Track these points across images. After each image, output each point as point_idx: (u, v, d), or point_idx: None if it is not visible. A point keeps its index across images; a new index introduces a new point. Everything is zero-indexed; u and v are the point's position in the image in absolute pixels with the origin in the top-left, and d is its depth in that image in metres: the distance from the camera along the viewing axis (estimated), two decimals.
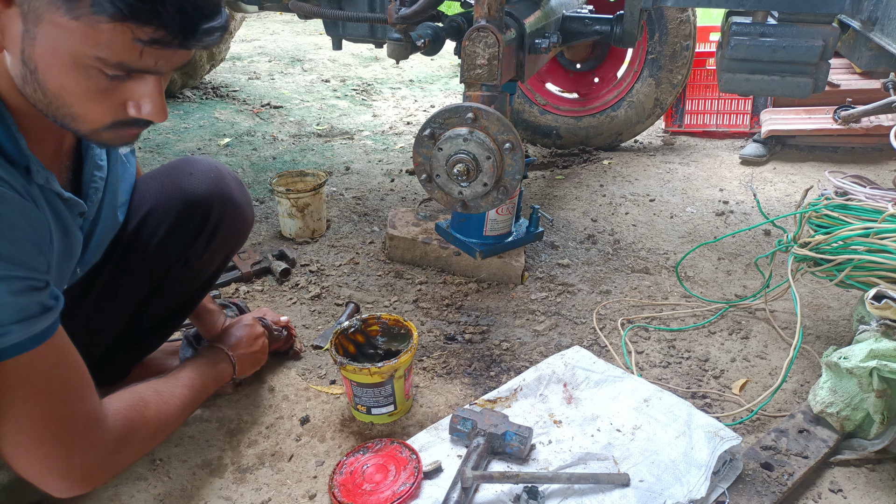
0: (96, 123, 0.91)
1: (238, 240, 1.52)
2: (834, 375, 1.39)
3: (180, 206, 1.35)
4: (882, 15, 1.69)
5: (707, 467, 1.25)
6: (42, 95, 0.87)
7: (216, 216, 1.40)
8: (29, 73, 0.85)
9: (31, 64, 0.84)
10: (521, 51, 1.75)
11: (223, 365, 1.41)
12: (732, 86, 1.87)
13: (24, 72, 0.85)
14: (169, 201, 1.35)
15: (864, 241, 1.46)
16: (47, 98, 0.87)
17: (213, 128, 3.64)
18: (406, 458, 1.32)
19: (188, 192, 1.36)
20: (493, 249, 2.07)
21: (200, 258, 1.42)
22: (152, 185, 1.37)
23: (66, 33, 0.81)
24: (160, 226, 1.34)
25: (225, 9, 0.89)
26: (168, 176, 1.38)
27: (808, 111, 3.17)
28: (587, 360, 1.59)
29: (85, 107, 0.88)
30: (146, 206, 1.35)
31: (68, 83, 0.85)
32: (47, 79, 0.85)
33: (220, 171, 1.41)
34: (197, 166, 1.40)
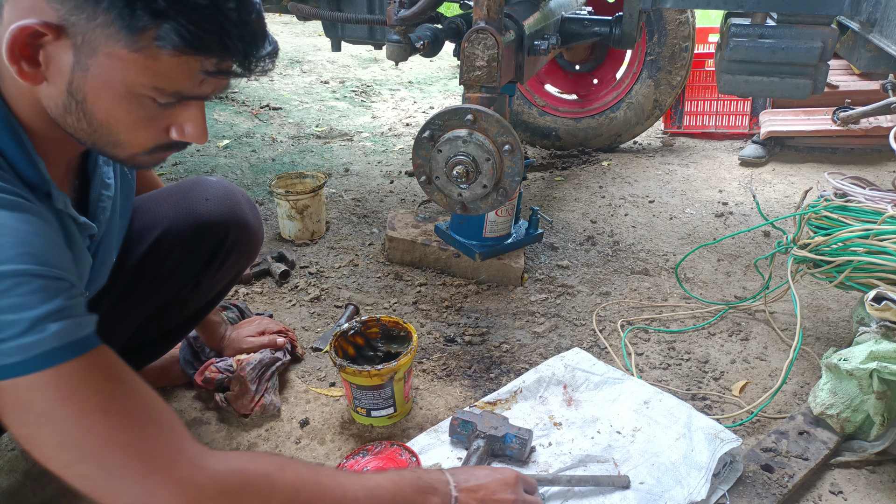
0: (138, 149, 0.91)
1: (249, 260, 1.50)
2: (834, 377, 1.39)
3: (194, 233, 1.33)
4: (881, 16, 1.69)
5: (707, 469, 1.25)
6: (86, 125, 0.86)
7: (231, 242, 1.38)
8: (75, 104, 0.84)
9: (80, 95, 0.83)
10: (520, 52, 1.75)
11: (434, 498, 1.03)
12: (731, 87, 1.87)
13: (68, 102, 0.84)
14: (182, 226, 1.32)
15: (864, 243, 1.46)
16: (92, 127, 0.87)
17: (212, 130, 3.64)
18: (406, 460, 1.32)
19: (203, 218, 1.33)
20: (493, 251, 2.07)
21: (211, 280, 1.41)
22: (166, 207, 1.34)
23: (123, 65, 0.80)
24: (173, 250, 1.32)
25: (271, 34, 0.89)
26: (182, 199, 1.35)
27: (808, 112, 3.17)
28: (587, 362, 1.58)
29: (131, 134, 0.88)
30: (159, 230, 1.32)
31: (119, 112, 0.85)
32: (96, 109, 0.84)
33: (234, 196, 1.39)
34: (211, 190, 1.36)
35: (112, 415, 0.79)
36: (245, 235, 1.41)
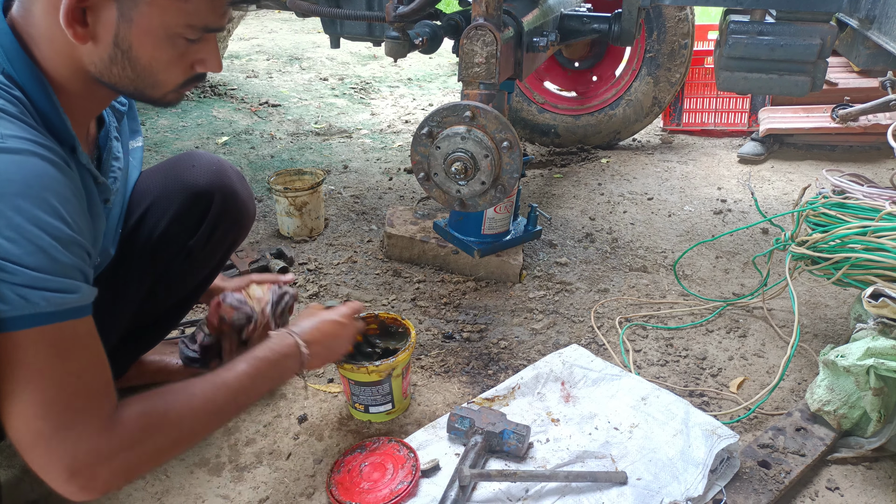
0: (170, 86, 1.04)
1: (239, 233, 1.51)
2: (831, 374, 1.39)
3: (182, 198, 1.37)
4: (880, 13, 1.69)
5: (704, 465, 1.25)
6: (131, 71, 0.98)
7: (218, 207, 1.41)
8: (121, 53, 0.96)
9: (125, 44, 0.95)
10: (519, 49, 1.75)
11: (288, 362, 1.21)
12: (730, 84, 1.87)
13: (114, 53, 0.96)
14: (171, 194, 1.37)
15: (862, 240, 1.46)
16: (136, 72, 0.99)
17: (211, 126, 3.64)
18: (404, 456, 1.32)
19: (190, 184, 1.38)
20: (491, 248, 2.07)
21: (202, 250, 1.42)
22: (154, 180, 1.39)
23: (161, 9, 0.94)
24: (162, 218, 1.36)
25: None
26: (170, 169, 1.41)
27: (806, 110, 3.17)
28: (585, 359, 1.59)
29: (167, 73, 1.01)
30: (148, 200, 1.37)
31: (159, 54, 0.98)
32: (140, 54, 0.97)
33: (221, 164, 1.44)
34: (198, 159, 1.43)
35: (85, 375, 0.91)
36: (232, 201, 1.43)
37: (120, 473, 0.95)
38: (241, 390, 1.10)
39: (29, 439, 0.89)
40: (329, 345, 1.30)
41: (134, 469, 0.97)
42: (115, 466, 0.93)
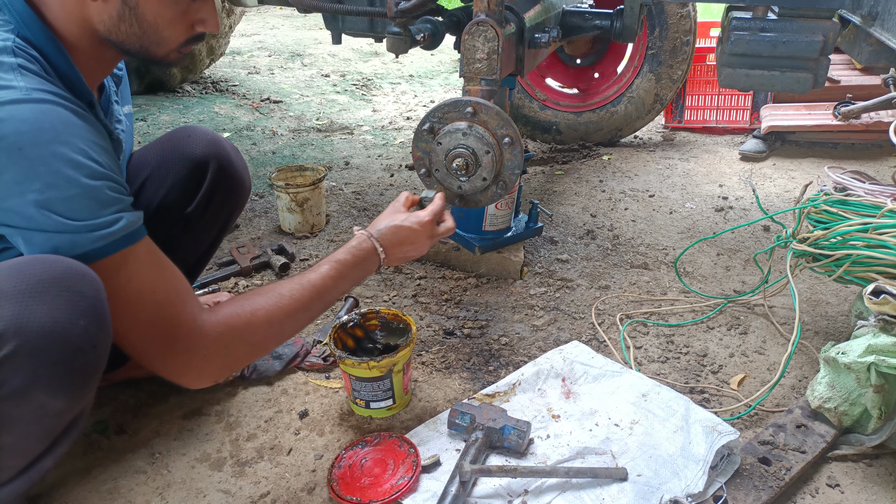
0: (173, 44, 1.10)
1: (236, 204, 1.56)
2: (832, 371, 1.39)
3: (179, 167, 1.43)
4: (882, 10, 1.68)
5: (705, 462, 1.26)
6: (137, 28, 1.05)
7: (214, 175, 1.47)
8: (128, 10, 1.03)
9: (133, 1, 1.02)
10: (520, 45, 1.75)
11: (367, 264, 1.28)
12: (732, 81, 1.86)
13: (122, 10, 1.02)
14: (168, 163, 1.43)
15: (863, 237, 1.46)
16: (142, 29, 1.05)
17: (212, 122, 3.64)
18: (404, 452, 1.32)
19: (187, 153, 1.44)
20: (493, 244, 2.07)
21: (200, 219, 1.47)
22: (152, 153, 1.46)
23: None
24: (160, 187, 1.43)
25: None
26: (167, 142, 1.47)
27: (808, 107, 3.16)
28: (586, 355, 1.59)
29: (170, 30, 1.08)
30: (146, 172, 1.43)
31: (164, 11, 1.05)
32: (147, 11, 1.04)
33: (217, 136, 1.50)
34: (194, 130, 1.49)
35: (160, 291, 1.02)
36: (228, 169, 1.49)
37: (223, 367, 1.09)
38: (325, 289, 1.19)
39: (137, 353, 1.03)
40: (405, 251, 1.33)
41: (234, 361, 1.11)
42: (216, 362, 1.07)
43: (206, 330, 1.05)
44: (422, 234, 1.34)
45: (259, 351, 1.15)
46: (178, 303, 1.03)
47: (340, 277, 1.22)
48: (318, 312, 1.21)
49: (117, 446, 1.40)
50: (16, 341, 0.85)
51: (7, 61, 0.93)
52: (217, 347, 1.06)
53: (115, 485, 1.31)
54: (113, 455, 1.38)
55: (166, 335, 1.02)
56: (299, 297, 1.16)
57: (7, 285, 0.87)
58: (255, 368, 1.59)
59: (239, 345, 1.09)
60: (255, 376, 1.59)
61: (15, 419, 0.91)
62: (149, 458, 1.37)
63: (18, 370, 0.87)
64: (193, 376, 1.07)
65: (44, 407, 0.92)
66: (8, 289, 0.87)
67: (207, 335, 1.05)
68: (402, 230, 1.32)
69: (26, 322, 0.86)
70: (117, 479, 1.32)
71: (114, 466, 1.35)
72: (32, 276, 0.88)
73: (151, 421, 1.47)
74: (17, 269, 0.88)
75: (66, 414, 0.96)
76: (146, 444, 1.41)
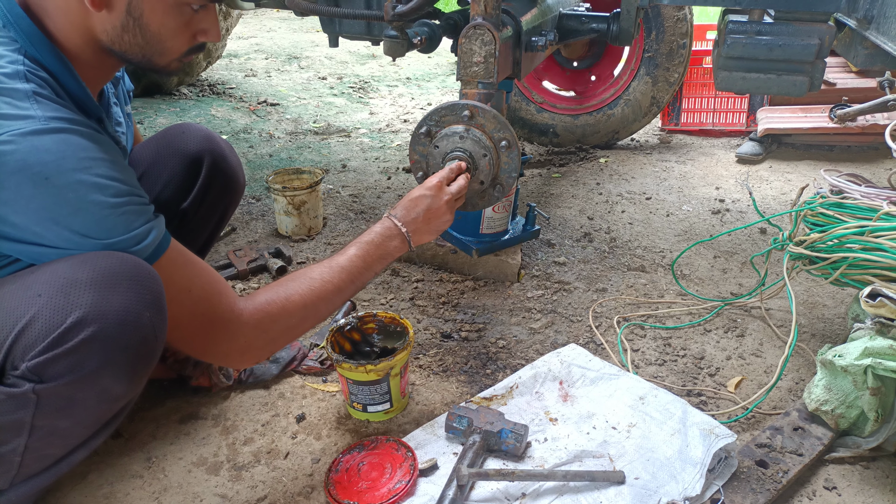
0: (176, 54, 1.12)
1: (231, 200, 1.59)
2: (829, 373, 1.40)
3: (174, 163, 1.46)
4: (878, 13, 1.69)
5: (702, 465, 1.25)
6: (141, 38, 1.06)
7: (209, 170, 1.49)
8: (133, 21, 1.04)
9: (137, 11, 1.03)
10: (517, 48, 1.75)
11: (395, 243, 1.32)
12: (729, 84, 1.87)
13: (126, 21, 1.03)
14: (163, 160, 1.45)
15: (859, 240, 1.46)
16: (146, 39, 1.06)
17: (209, 125, 3.64)
18: (402, 455, 1.32)
19: (181, 149, 1.47)
20: (490, 247, 2.07)
21: (195, 215, 1.49)
22: (147, 150, 1.48)
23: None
24: (155, 183, 1.45)
25: None
26: (161, 139, 1.50)
27: (805, 110, 3.17)
28: (583, 358, 1.59)
29: (174, 41, 1.09)
30: (141, 169, 1.45)
31: (168, 21, 1.06)
32: (151, 21, 1.05)
33: (211, 132, 1.53)
34: (188, 127, 1.51)
35: (195, 290, 1.08)
36: (223, 165, 1.52)
37: (263, 349, 1.17)
38: (354, 269, 1.25)
39: (183, 346, 1.12)
40: (428, 220, 1.36)
41: (273, 343, 1.18)
42: (257, 345, 1.15)
43: (244, 318, 1.12)
44: (435, 198, 1.36)
45: (295, 332, 1.21)
46: (213, 296, 1.10)
47: (366, 256, 1.27)
48: (351, 293, 1.26)
49: (113, 450, 1.40)
50: (95, 326, 0.93)
51: (21, 88, 0.94)
52: (256, 333, 1.14)
53: (111, 489, 1.30)
54: (109, 459, 1.37)
55: (207, 327, 1.09)
56: (330, 279, 1.22)
57: (83, 275, 0.94)
58: (251, 372, 1.59)
59: (276, 328, 1.16)
60: (252, 380, 1.59)
61: (76, 402, 0.97)
62: (145, 462, 1.37)
63: (93, 353, 0.93)
64: (236, 360, 1.16)
65: (106, 391, 0.99)
66: (84, 278, 0.93)
67: (246, 322, 1.12)
68: (414, 200, 1.36)
69: (105, 309, 0.94)
70: (113, 484, 1.31)
71: (110, 471, 1.34)
72: (107, 268, 0.96)
73: (148, 425, 1.47)
74: (92, 261, 0.96)
75: (121, 400, 1.04)
76: (142, 448, 1.40)
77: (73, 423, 1.00)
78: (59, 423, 0.98)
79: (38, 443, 0.98)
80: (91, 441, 1.06)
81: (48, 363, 0.91)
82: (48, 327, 0.90)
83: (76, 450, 1.06)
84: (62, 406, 0.95)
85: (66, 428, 1.00)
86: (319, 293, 1.20)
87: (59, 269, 0.94)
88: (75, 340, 0.91)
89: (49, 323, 0.90)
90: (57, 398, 0.94)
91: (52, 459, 1.04)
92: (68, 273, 0.93)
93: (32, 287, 0.93)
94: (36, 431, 0.96)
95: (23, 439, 0.96)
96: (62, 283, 0.92)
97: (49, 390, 0.92)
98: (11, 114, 0.92)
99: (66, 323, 0.90)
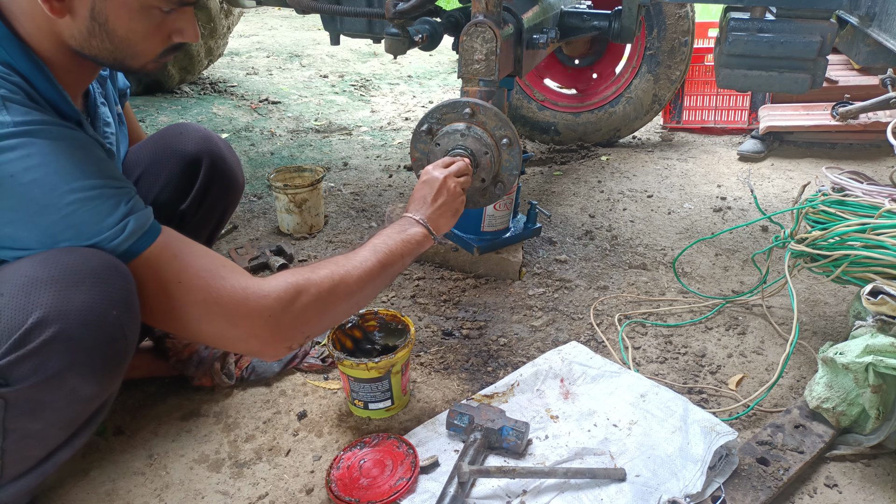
0: (150, 56, 1.08)
1: (230, 200, 1.57)
2: (830, 371, 1.40)
3: (172, 164, 1.44)
4: (880, 11, 1.69)
5: (703, 462, 1.26)
6: (109, 43, 1.02)
7: (207, 171, 1.47)
8: (98, 26, 1.00)
9: (102, 17, 0.99)
10: (518, 46, 1.75)
11: (413, 229, 1.31)
12: (730, 82, 1.87)
13: (91, 26, 1.00)
14: (161, 161, 1.43)
15: (861, 237, 1.46)
16: (114, 44, 1.03)
17: (210, 123, 3.64)
18: (403, 452, 1.32)
19: (179, 150, 1.45)
20: (491, 245, 2.07)
21: (195, 216, 1.48)
22: (144, 151, 1.46)
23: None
24: (154, 185, 1.43)
25: None
26: (159, 140, 1.47)
27: (806, 107, 3.17)
28: (584, 356, 1.59)
29: (145, 43, 1.05)
30: (139, 170, 1.43)
31: (136, 26, 1.02)
32: (117, 27, 1.01)
33: (209, 132, 1.51)
34: (186, 128, 1.49)
35: (186, 281, 1.01)
36: (221, 165, 1.50)
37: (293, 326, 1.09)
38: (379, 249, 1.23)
39: (214, 341, 1.07)
40: (439, 204, 1.35)
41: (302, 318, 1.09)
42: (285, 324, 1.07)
43: (262, 292, 1.06)
44: (437, 180, 1.36)
45: (328, 307, 1.13)
46: (225, 277, 1.04)
47: (387, 237, 1.26)
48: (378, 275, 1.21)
49: (115, 447, 1.40)
50: (56, 326, 0.89)
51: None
52: (279, 308, 1.06)
53: (113, 486, 1.30)
54: (111, 456, 1.38)
55: (225, 311, 1.03)
56: (356, 257, 1.19)
57: (44, 273, 0.91)
58: (253, 370, 1.59)
59: (301, 302, 1.08)
60: (254, 377, 1.59)
61: (46, 404, 0.95)
62: (147, 459, 1.37)
63: (56, 354, 0.90)
64: (268, 343, 1.08)
65: (75, 392, 0.96)
66: (45, 276, 0.91)
67: (266, 296, 1.05)
68: (419, 188, 1.37)
69: (66, 308, 0.90)
70: (115, 481, 1.32)
71: (112, 468, 1.35)
72: (69, 265, 0.92)
73: (149, 422, 1.47)
74: (54, 259, 0.92)
75: (94, 401, 1.01)
76: (144, 445, 1.41)
77: (45, 424, 0.97)
78: (30, 425, 0.96)
79: (15, 445, 0.96)
80: (73, 440, 1.04)
81: (12, 365, 0.88)
82: (10, 328, 0.88)
83: (59, 449, 1.03)
84: (31, 408, 0.93)
85: (40, 430, 0.97)
86: (348, 268, 1.15)
87: (21, 268, 0.91)
88: (37, 342, 0.88)
89: (11, 323, 0.88)
90: (25, 401, 0.91)
91: (35, 460, 1.01)
92: (29, 271, 0.90)
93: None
94: (10, 434, 0.94)
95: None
96: (23, 281, 0.90)
97: (16, 393, 0.90)
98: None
99: (27, 323, 0.88)
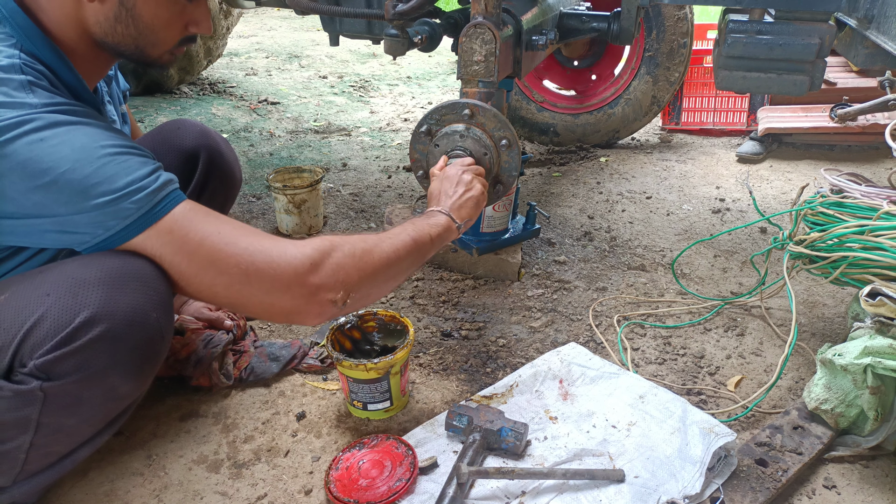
0: (168, 45, 1.13)
1: (227, 195, 1.59)
2: (829, 372, 1.40)
3: (169, 159, 1.45)
4: (878, 13, 1.69)
5: (702, 463, 1.26)
6: (134, 29, 1.07)
7: (205, 166, 1.49)
8: (125, 11, 1.05)
9: (130, 2, 1.05)
10: (518, 47, 1.75)
11: (436, 218, 1.31)
12: (729, 83, 1.87)
13: (119, 12, 1.05)
14: (158, 156, 1.49)
15: (859, 239, 1.46)
16: (139, 30, 1.08)
17: (209, 124, 3.63)
18: (402, 453, 1.32)
19: (176, 145, 1.47)
20: (490, 246, 2.07)
21: None
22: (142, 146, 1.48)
23: None
24: None
25: None
26: (157, 135, 1.50)
27: (805, 109, 3.17)
28: (583, 357, 1.59)
29: (166, 31, 1.11)
30: None
31: (161, 12, 1.08)
32: (144, 12, 1.06)
33: (206, 128, 1.53)
34: (184, 123, 1.51)
35: (225, 232, 1.01)
36: (219, 160, 1.52)
37: (333, 286, 1.05)
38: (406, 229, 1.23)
39: (262, 313, 1.06)
40: (459, 195, 1.36)
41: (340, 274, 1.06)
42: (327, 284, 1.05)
43: (300, 252, 1.04)
44: (450, 170, 1.40)
45: (365, 264, 1.11)
46: (263, 242, 1.03)
47: (413, 222, 1.27)
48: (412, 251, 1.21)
49: (114, 448, 1.40)
50: (104, 325, 0.93)
51: (17, 79, 0.96)
52: (314, 262, 1.04)
53: (111, 487, 1.30)
54: (109, 457, 1.37)
55: (251, 276, 1.00)
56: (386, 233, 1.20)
57: (90, 274, 0.94)
58: (252, 370, 1.59)
59: (337, 256, 1.07)
60: (253, 378, 1.59)
61: (83, 401, 0.98)
62: (145, 459, 1.37)
63: (101, 352, 0.94)
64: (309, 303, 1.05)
65: (113, 390, 1.00)
66: (92, 277, 0.94)
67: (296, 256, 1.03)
68: (434, 184, 1.40)
69: (113, 309, 0.94)
70: (114, 481, 1.31)
71: (110, 468, 1.35)
72: (114, 268, 0.96)
73: (148, 423, 1.47)
74: (99, 261, 0.95)
75: (127, 399, 1.04)
76: (143, 445, 1.41)
77: (78, 420, 1.00)
78: (65, 420, 0.99)
79: (44, 440, 0.99)
80: (95, 439, 1.07)
81: (56, 361, 0.92)
82: (57, 326, 0.91)
83: (80, 447, 1.06)
84: (68, 404, 0.96)
85: (72, 425, 1.01)
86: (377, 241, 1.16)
87: (67, 269, 0.95)
88: (84, 339, 0.92)
89: (58, 322, 0.91)
90: (64, 396, 0.95)
91: (56, 457, 1.05)
92: (76, 273, 0.94)
93: (41, 286, 0.94)
94: (42, 429, 0.97)
95: (28, 436, 0.97)
96: (70, 282, 0.93)
97: (56, 388, 0.93)
98: (7, 101, 0.93)
99: (75, 322, 0.91)
